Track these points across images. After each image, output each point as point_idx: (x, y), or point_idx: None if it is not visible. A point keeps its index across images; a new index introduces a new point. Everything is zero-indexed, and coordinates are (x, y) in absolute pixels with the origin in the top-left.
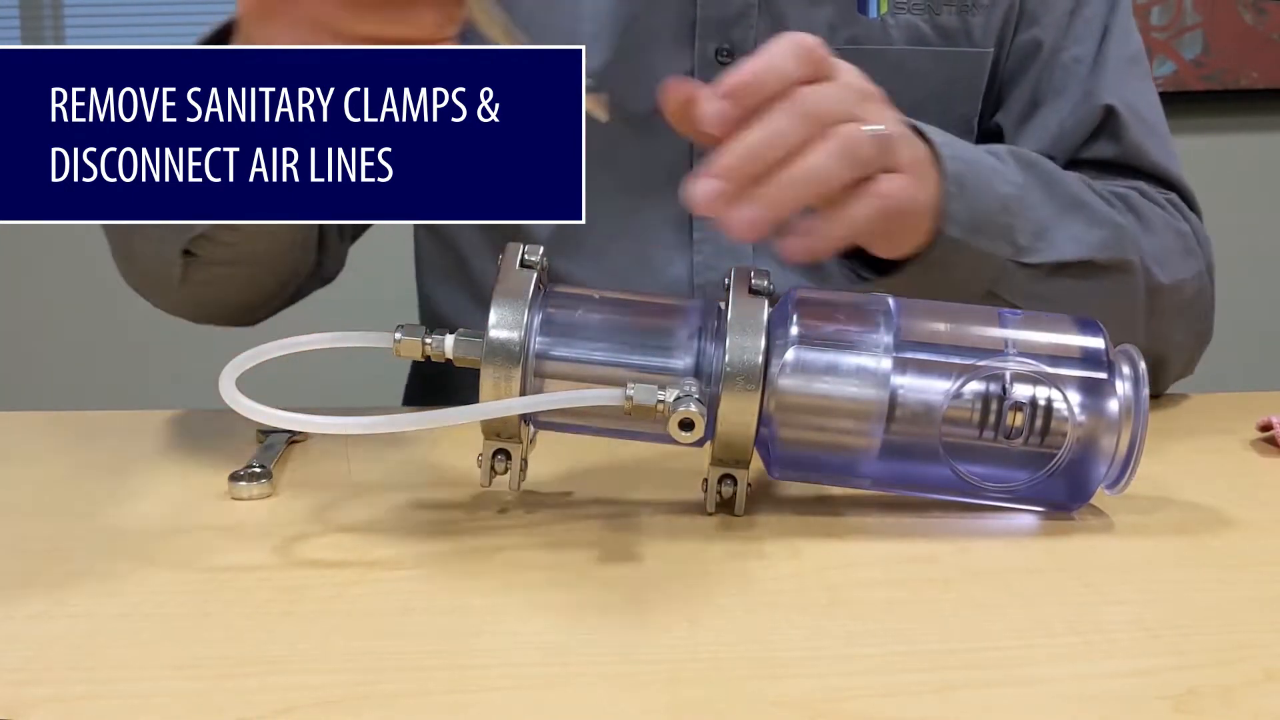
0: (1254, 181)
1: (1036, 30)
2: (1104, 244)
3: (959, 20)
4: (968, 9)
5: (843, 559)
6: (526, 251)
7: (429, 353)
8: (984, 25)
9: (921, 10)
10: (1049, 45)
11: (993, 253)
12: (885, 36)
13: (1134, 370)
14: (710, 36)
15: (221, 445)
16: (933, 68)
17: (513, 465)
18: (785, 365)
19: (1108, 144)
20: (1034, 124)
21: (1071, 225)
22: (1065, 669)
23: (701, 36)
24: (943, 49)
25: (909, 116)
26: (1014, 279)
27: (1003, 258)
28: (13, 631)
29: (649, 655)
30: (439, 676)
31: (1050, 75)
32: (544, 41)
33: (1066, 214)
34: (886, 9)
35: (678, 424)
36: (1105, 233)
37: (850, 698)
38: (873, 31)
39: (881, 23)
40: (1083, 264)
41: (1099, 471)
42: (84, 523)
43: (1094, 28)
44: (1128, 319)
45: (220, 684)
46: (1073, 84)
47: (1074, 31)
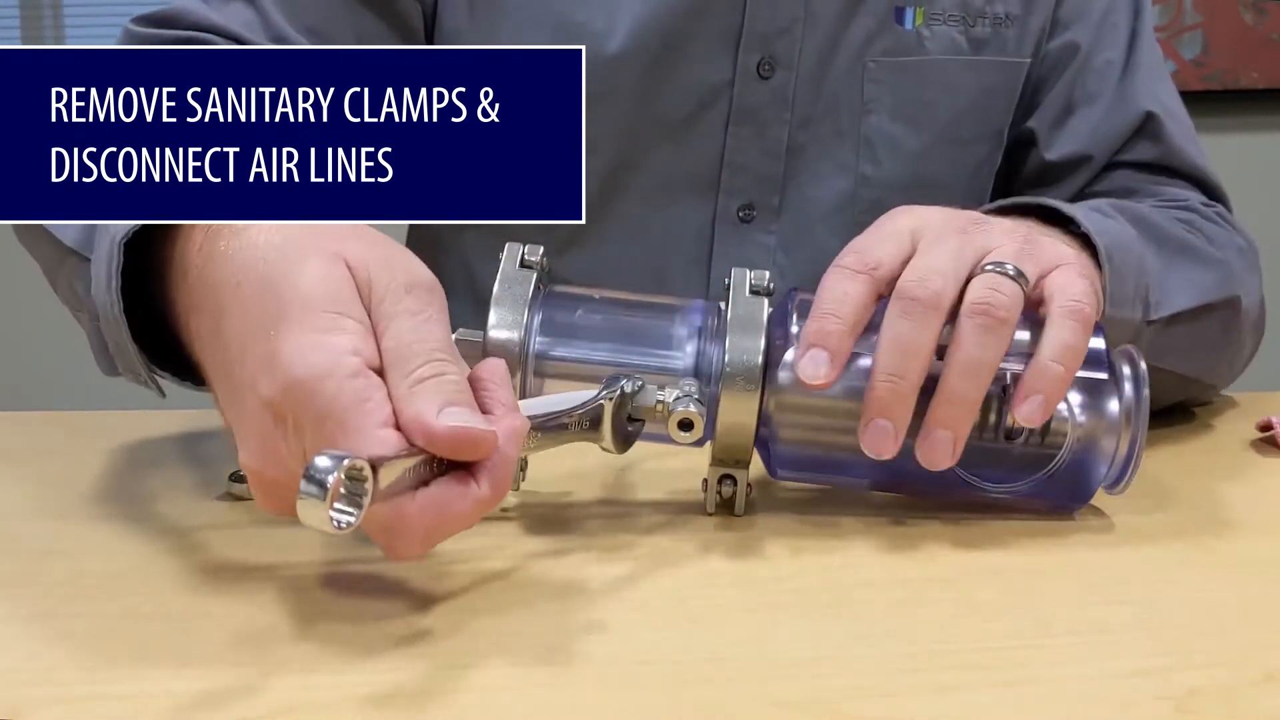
0: (1254, 181)
1: (1071, 34)
2: (1217, 285)
3: (993, 32)
4: (1002, 21)
5: (843, 559)
6: (526, 251)
7: None
8: (1018, 36)
9: (957, 22)
10: (1085, 48)
11: (1131, 319)
12: (921, 48)
13: (1134, 370)
14: (754, 48)
15: (221, 445)
16: (969, 77)
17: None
18: (785, 365)
19: (1149, 146)
20: (1069, 127)
21: (1182, 270)
22: (1065, 669)
23: (745, 48)
24: (978, 58)
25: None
26: (1141, 338)
27: (1138, 321)
28: (13, 631)
29: (649, 655)
30: (439, 676)
31: (1084, 79)
32: (573, 37)
33: (1175, 260)
34: (922, 20)
35: (677, 424)
36: (1214, 273)
37: (850, 698)
38: (908, 43)
39: (917, 34)
40: (1196, 309)
41: (1099, 472)
42: (84, 523)
43: (1122, 33)
44: (1235, 352)
45: (220, 684)
46: (1107, 88)
47: (1105, 36)
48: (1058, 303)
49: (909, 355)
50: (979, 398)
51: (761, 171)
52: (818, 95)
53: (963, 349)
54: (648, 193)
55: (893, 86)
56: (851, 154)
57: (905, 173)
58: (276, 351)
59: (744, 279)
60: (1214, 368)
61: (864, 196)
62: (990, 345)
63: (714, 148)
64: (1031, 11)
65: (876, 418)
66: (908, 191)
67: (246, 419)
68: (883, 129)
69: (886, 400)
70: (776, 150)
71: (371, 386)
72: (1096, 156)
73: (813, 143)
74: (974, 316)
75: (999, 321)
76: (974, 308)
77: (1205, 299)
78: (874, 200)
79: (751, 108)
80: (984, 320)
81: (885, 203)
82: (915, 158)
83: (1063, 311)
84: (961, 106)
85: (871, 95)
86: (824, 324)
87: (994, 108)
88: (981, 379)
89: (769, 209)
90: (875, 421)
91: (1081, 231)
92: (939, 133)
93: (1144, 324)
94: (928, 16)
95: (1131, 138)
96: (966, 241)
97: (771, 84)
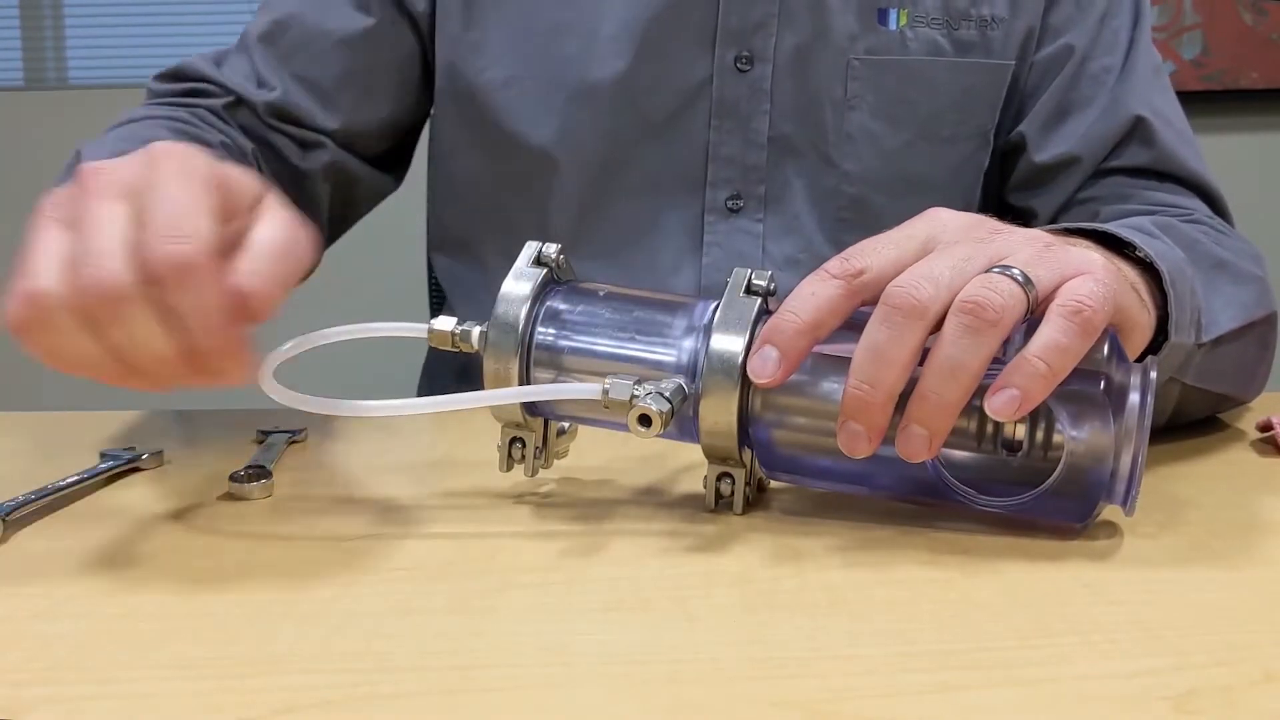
0: (1254, 182)
1: (1066, 39)
2: (1255, 302)
3: (978, 34)
4: (987, 24)
5: (843, 559)
6: (543, 248)
7: (458, 343)
8: (1003, 40)
9: (940, 25)
10: (1081, 52)
11: (1185, 344)
12: (903, 48)
13: (1143, 381)
14: (731, 43)
15: (221, 445)
16: (950, 77)
17: (527, 452)
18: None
19: (1140, 150)
20: (1061, 132)
21: (1223, 290)
22: (1065, 669)
23: (722, 43)
24: (960, 60)
25: (929, 125)
26: (1191, 362)
27: (1191, 345)
28: (13, 631)
29: (649, 655)
30: (439, 676)
31: (1079, 84)
32: (562, 40)
33: (1215, 279)
34: (906, 22)
35: (636, 419)
36: (1252, 290)
37: (850, 698)
38: (891, 43)
39: (900, 35)
40: (1239, 329)
41: (1103, 488)
42: (84, 523)
43: (1121, 39)
44: (1268, 367)
45: (220, 684)
46: (1101, 93)
47: (1103, 41)
48: (1058, 301)
49: (882, 363)
50: (958, 399)
51: (746, 162)
52: (799, 89)
53: (942, 348)
54: (638, 191)
55: (875, 84)
56: (834, 149)
57: (886, 169)
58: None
59: (743, 279)
60: (1250, 384)
61: (845, 191)
62: (971, 347)
63: (699, 143)
64: (1017, 15)
65: (848, 421)
66: (888, 187)
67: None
68: (863, 125)
69: (856, 407)
70: (759, 140)
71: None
72: (1085, 159)
73: (796, 135)
74: (960, 315)
75: (986, 323)
76: (962, 306)
77: (1248, 318)
78: (855, 195)
79: (732, 101)
80: (969, 320)
81: (865, 198)
82: (895, 154)
83: (1058, 310)
84: (942, 105)
85: (854, 92)
86: (780, 321)
87: (976, 108)
88: (960, 380)
89: (756, 198)
90: (848, 424)
91: (1137, 256)
92: (919, 130)
93: (1195, 348)
94: (911, 19)
95: (1122, 141)
96: (981, 249)
97: (750, 77)
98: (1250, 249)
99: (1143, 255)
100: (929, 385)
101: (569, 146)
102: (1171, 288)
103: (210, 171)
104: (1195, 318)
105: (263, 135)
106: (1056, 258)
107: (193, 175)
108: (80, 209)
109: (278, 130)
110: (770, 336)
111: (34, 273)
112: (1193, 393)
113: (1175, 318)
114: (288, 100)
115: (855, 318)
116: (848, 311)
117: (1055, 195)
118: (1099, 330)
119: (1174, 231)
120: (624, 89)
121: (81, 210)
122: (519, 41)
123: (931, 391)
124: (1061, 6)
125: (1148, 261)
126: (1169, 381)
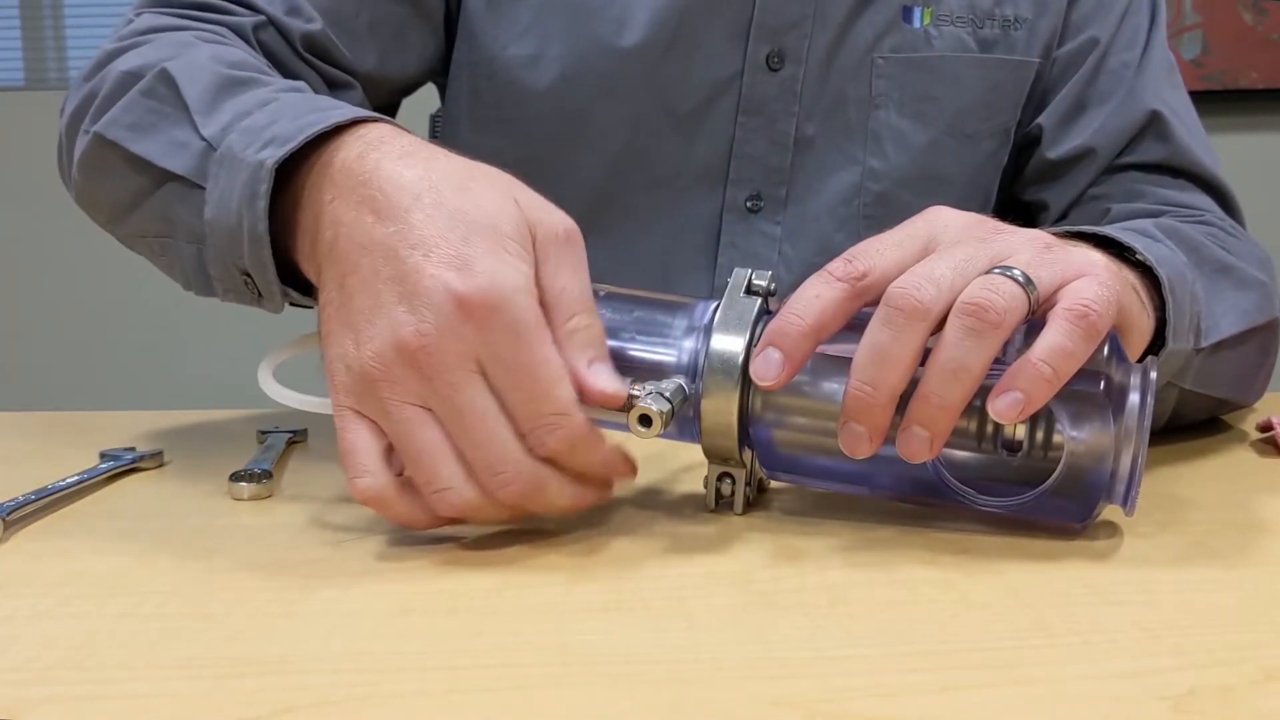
0: (1254, 182)
1: (1089, 33)
2: (1258, 308)
3: (1002, 34)
4: (1011, 24)
5: (843, 559)
6: None
7: None
8: (1027, 39)
9: (965, 24)
10: (1103, 45)
11: (1184, 349)
12: (928, 45)
13: (1143, 382)
14: (764, 40)
15: (221, 445)
16: (976, 74)
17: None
18: None
19: (1156, 145)
20: (1078, 125)
21: (1225, 294)
22: (1065, 669)
23: (755, 39)
24: (986, 56)
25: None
26: (1190, 366)
27: (1189, 350)
28: (13, 631)
29: (649, 655)
30: (439, 676)
31: (1098, 78)
32: (592, 21)
33: (1217, 283)
34: (930, 21)
35: (637, 419)
36: (1254, 295)
37: (850, 698)
38: (916, 41)
39: (924, 33)
40: (1240, 334)
41: (1103, 488)
42: (84, 523)
43: (1140, 36)
44: (1269, 371)
45: (220, 684)
46: (1120, 88)
47: (1123, 37)
48: (1061, 304)
49: (884, 365)
50: (959, 400)
51: (769, 163)
52: (825, 89)
53: (944, 350)
54: (657, 183)
55: (900, 82)
56: (858, 148)
57: (911, 166)
58: (474, 258)
59: (743, 279)
60: (1250, 389)
61: (870, 189)
62: (974, 348)
63: (723, 139)
64: (1042, 14)
65: (850, 421)
66: (913, 185)
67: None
68: (890, 123)
69: (858, 407)
70: (784, 142)
71: (543, 316)
72: (1100, 152)
73: (820, 135)
74: (962, 316)
75: (988, 325)
76: (964, 307)
77: (1250, 323)
78: (880, 193)
79: (760, 99)
80: (971, 321)
81: (890, 195)
82: (921, 152)
83: (1062, 313)
84: (967, 102)
85: (879, 90)
86: (783, 324)
87: (1000, 105)
88: (962, 382)
89: (776, 200)
90: (849, 424)
91: (1138, 260)
92: (945, 128)
93: (1194, 352)
94: (936, 17)
95: (1137, 136)
96: (982, 249)
97: (780, 76)
98: (1258, 252)
99: (1142, 259)
100: (931, 386)
101: (589, 131)
102: (1171, 294)
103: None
104: (1195, 323)
105: (289, 65)
106: (1058, 259)
107: (526, 314)
108: (442, 396)
109: (308, 64)
110: (774, 339)
111: (431, 479)
112: (1191, 397)
113: (1174, 323)
114: (326, 35)
115: (857, 318)
116: (851, 313)
117: (1068, 189)
118: (1103, 334)
119: (1178, 235)
120: (651, 76)
121: (447, 396)
122: (548, 18)
123: (933, 393)
124: (1084, 2)
125: (1147, 265)
126: (1167, 385)
